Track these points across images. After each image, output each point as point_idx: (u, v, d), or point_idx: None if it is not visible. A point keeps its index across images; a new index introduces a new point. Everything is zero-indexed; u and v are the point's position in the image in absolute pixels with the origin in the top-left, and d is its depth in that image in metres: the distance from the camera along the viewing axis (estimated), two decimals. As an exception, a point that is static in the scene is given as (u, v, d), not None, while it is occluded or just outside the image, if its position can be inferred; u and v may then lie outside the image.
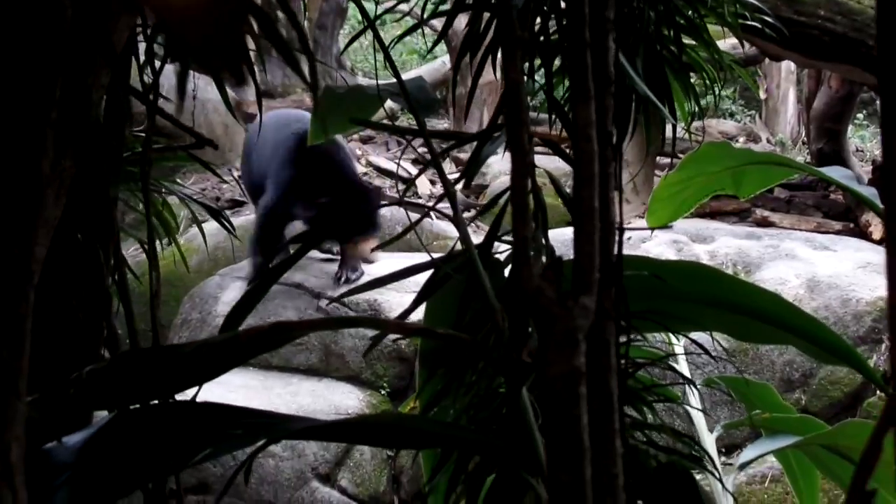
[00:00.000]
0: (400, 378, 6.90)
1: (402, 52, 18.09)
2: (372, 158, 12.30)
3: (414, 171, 10.77)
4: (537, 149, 1.81)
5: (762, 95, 16.72)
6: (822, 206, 10.95)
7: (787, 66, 15.79)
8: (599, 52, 1.17)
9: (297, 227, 7.20)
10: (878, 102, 19.60)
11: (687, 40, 2.32)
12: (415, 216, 2.00)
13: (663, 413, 2.77)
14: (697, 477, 2.49)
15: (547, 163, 2.35)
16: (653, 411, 2.03)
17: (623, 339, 2.10)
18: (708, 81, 2.47)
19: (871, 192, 2.30)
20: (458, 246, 1.74)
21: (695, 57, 2.35)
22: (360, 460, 6.38)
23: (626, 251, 1.70)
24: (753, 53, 12.03)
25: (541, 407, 1.34)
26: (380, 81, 2.06)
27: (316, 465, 6.29)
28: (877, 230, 10.07)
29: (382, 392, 6.86)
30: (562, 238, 6.85)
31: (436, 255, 1.92)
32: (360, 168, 11.48)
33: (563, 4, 1.96)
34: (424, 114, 1.89)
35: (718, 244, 7.60)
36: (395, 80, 1.98)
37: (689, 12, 2.22)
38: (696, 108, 2.43)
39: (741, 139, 15.71)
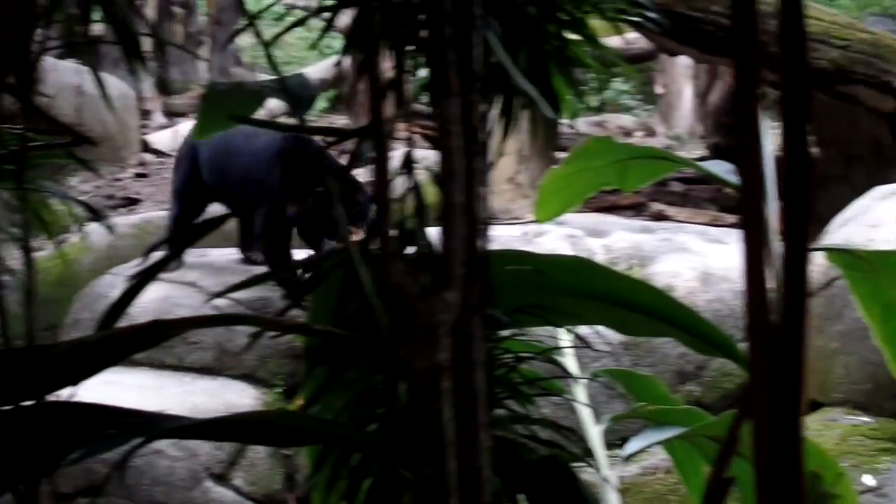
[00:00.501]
0: (294, 376, 6.88)
1: (301, 47, 18.02)
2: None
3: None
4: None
5: (659, 90, 16.86)
6: (717, 199, 11.08)
7: (684, 61, 15.93)
8: (465, 48, 1.18)
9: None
10: (774, 97, 19.90)
11: (572, 35, 2.34)
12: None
13: (558, 407, 2.79)
14: (590, 470, 2.52)
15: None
16: (532, 404, 2.04)
17: (507, 333, 2.12)
18: (595, 76, 2.49)
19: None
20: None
21: (578, 52, 2.36)
22: (255, 459, 6.36)
23: (521, 246, 1.72)
24: (650, 48, 12.15)
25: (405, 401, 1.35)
26: (275, 76, 2.05)
27: (210, 465, 6.26)
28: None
29: (277, 390, 6.85)
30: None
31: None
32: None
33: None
34: (304, 110, 1.89)
35: (613, 238, 7.67)
36: (302, 74, 1.98)
37: (572, 8, 2.24)
38: (593, 103, 2.45)
39: (639, 134, 15.84)
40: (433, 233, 1.90)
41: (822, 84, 9.49)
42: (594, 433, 2.81)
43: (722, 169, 2.36)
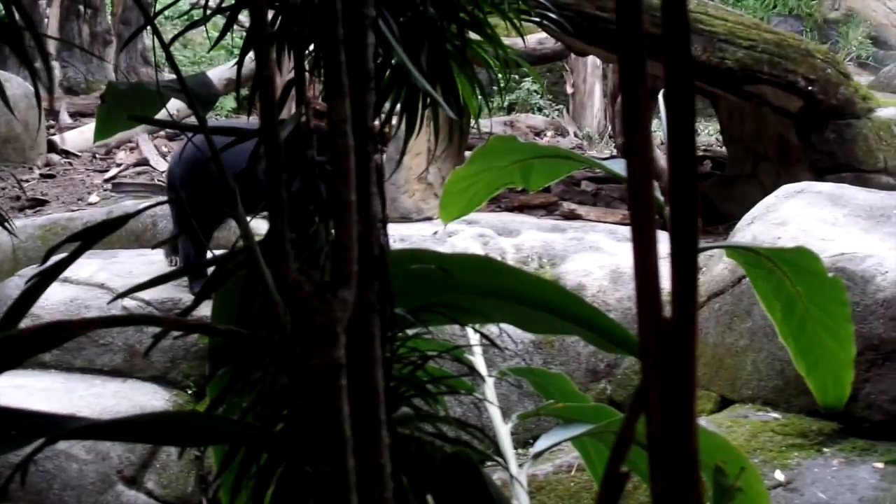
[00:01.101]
0: (206, 377, 6.85)
1: (209, 47, 17.90)
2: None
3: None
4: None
5: (569, 90, 16.97)
6: (624, 198, 11.15)
7: (594, 60, 16.04)
8: (357, 48, 1.18)
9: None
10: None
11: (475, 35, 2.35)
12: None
13: (472, 407, 2.81)
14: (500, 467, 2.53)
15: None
16: (437, 402, 2.04)
17: (412, 331, 2.12)
18: (497, 76, 2.50)
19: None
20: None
21: (480, 52, 2.38)
22: (167, 461, 6.32)
23: (433, 245, 1.72)
24: (559, 49, 12.22)
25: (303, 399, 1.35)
26: (181, 76, 2.04)
27: (121, 468, 6.21)
28: (680, 222, 10.28)
29: (189, 391, 6.81)
30: (397, 235, 6.89)
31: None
32: (165, 165, 11.35)
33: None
34: (205, 110, 1.88)
35: (524, 237, 7.71)
36: (204, 73, 1.97)
37: (472, 8, 2.25)
38: (503, 103, 2.46)
39: (549, 133, 15.92)
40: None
41: (729, 84, 9.59)
42: (503, 431, 2.83)
43: (622, 167, 2.37)
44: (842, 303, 2.45)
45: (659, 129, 17.17)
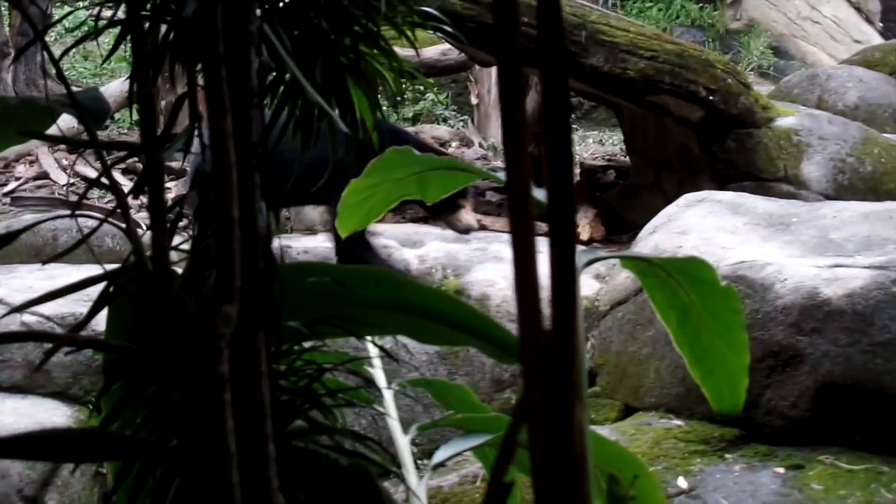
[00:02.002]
0: (98, 392, 6.75)
1: (112, 59, 17.73)
2: (79, 169, 12.07)
3: (125, 181, 10.60)
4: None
5: (474, 101, 16.99)
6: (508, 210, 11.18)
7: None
8: (241, 65, 1.18)
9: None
10: (585, 107, 20.07)
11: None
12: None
13: (375, 419, 2.81)
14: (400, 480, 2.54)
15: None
16: (332, 415, 2.04)
17: (308, 344, 2.12)
18: (392, 88, 2.51)
19: (542, 195, 2.37)
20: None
21: (375, 65, 2.38)
22: (69, 479, 6.23)
23: (335, 258, 1.72)
24: (464, 59, 12.25)
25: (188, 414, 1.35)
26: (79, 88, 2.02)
27: (21, 487, 6.12)
28: (584, 231, 10.37)
29: (91, 407, 6.73)
30: (276, 246, 6.81)
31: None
32: (66, 178, 11.23)
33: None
34: (96, 124, 1.87)
35: (428, 248, 7.72)
36: (95, 88, 1.96)
37: (366, 21, 2.25)
38: (408, 114, 2.47)
39: (454, 144, 15.93)
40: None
41: (631, 94, 9.68)
42: (403, 443, 2.83)
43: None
44: (735, 311, 2.48)
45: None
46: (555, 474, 1.07)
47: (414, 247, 7.73)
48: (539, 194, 2.30)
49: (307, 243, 7.46)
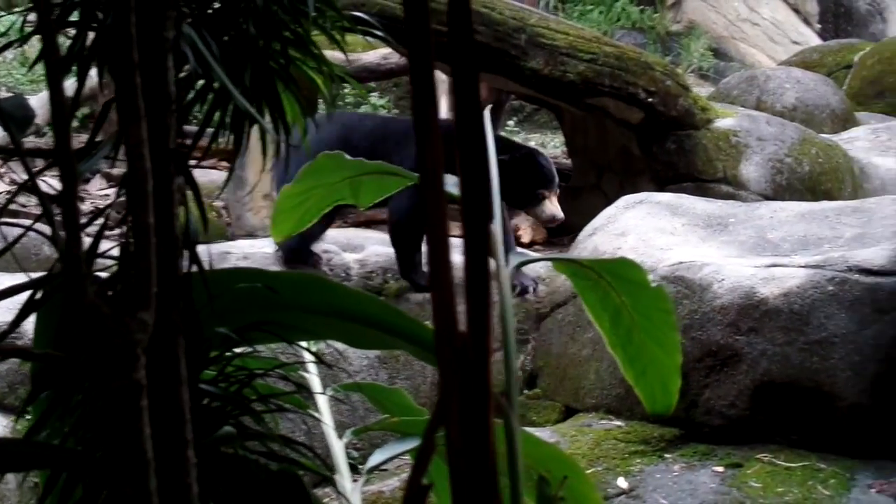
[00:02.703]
0: (24, 400, 6.68)
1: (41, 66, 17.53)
2: (15, 176, 11.99)
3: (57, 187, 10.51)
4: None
5: (415, 105, 16.97)
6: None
7: (439, 75, 16.12)
8: (158, 71, 1.19)
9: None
10: (527, 110, 20.11)
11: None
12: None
13: (316, 424, 2.81)
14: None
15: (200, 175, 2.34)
16: (266, 420, 2.05)
17: (241, 350, 2.12)
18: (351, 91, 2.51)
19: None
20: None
21: (306, 70, 2.38)
22: (4, 490, 6.18)
23: (276, 263, 1.72)
24: (405, 63, 12.23)
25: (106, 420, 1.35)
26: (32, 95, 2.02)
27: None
28: (526, 233, 10.39)
29: (27, 417, 6.67)
30: (211, 252, 6.78)
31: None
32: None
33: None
34: (20, 131, 1.87)
35: (368, 253, 7.71)
36: (21, 95, 1.95)
37: (295, 26, 2.26)
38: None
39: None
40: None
41: (572, 97, 9.71)
42: (337, 447, 2.83)
43: (451, 182, 2.39)
44: (666, 311, 2.50)
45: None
46: (473, 472, 1.08)
47: (354, 251, 7.73)
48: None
49: (247, 248, 7.44)
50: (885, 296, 5.68)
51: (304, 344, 2.70)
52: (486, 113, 2.67)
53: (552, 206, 7.15)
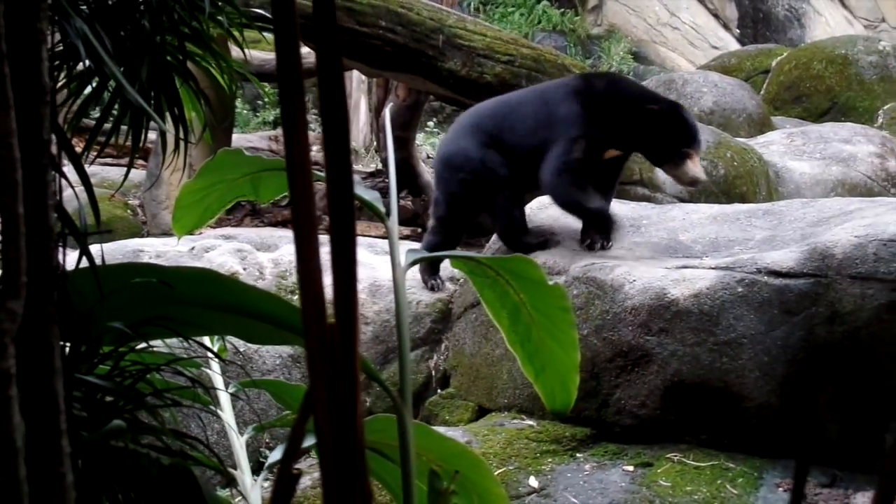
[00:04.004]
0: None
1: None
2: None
3: None
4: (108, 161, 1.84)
5: (334, 105, 16.94)
6: (389, 213, 11.22)
7: (359, 75, 16.12)
8: (32, 62, 1.19)
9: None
10: (447, 111, 20.12)
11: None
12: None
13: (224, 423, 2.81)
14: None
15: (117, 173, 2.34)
16: (155, 415, 2.05)
17: (140, 344, 2.12)
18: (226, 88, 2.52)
19: (373, 196, 2.40)
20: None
21: (205, 65, 2.39)
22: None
23: (189, 261, 1.72)
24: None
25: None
26: None
27: None
28: (442, 234, 10.42)
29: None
30: (123, 250, 6.72)
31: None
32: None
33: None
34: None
35: (282, 252, 7.70)
36: None
37: (193, 22, 2.26)
38: (269, 118, 2.47)
39: (315, 148, 15.92)
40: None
41: (489, 98, 9.74)
42: (238, 444, 2.84)
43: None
44: (564, 309, 2.52)
45: (425, 143, 17.32)
46: (341, 462, 1.09)
47: (268, 251, 7.71)
48: (367, 194, 2.32)
49: (160, 247, 7.40)
50: (794, 297, 5.74)
51: (206, 341, 2.71)
52: (386, 112, 2.69)
53: (695, 168, 6.59)
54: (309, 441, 2.82)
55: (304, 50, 12.76)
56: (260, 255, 7.46)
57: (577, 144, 6.49)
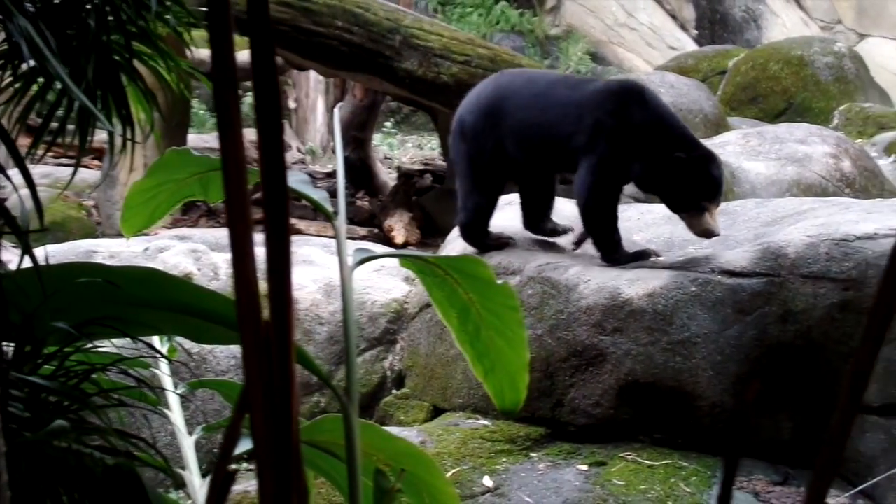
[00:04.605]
0: None
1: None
2: None
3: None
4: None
5: (291, 105, 16.96)
6: (348, 212, 11.22)
7: (316, 76, 16.09)
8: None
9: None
10: (404, 111, 20.13)
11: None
12: None
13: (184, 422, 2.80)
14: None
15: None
16: (99, 415, 2.04)
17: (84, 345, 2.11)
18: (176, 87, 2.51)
19: (321, 196, 2.39)
20: None
21: (153, 65, 2.38)
22: None
23: (143, 262, 1.72)
24: (279, 63, 12.21)
25: None
26: None
27: None
28: (399, 234, 10.42)
29: None
30: (76, 250, 6.70)
31: None
32: None
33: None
34: None
35: (237, 252, 7.67)
36: None
37: (140, 21, 2.25)
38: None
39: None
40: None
41: (446, 98, 9.75)
42: (187, 444, 2.82)
43: (296, 180, 2.40)
44: (513, 308, 2.52)
45: (382, 143, 17.30)
46: (277, 460, 1.09)
47: (223, 251, 7.67)
48: (315, 193, 2.32)
49: (115, 247, 7.36)
50: (747, 297, 5.77)
51: (155, 341, 2.70)
52: (336, 111, 2.69)
53: (710, 221, 6.16)
54: (243, 446, 2.82)
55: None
56: (214, 256, 7.42)
57: (607, 165, 6.28)
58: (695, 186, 6.12)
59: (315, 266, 7.55)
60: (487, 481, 5.77)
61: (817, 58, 18.52)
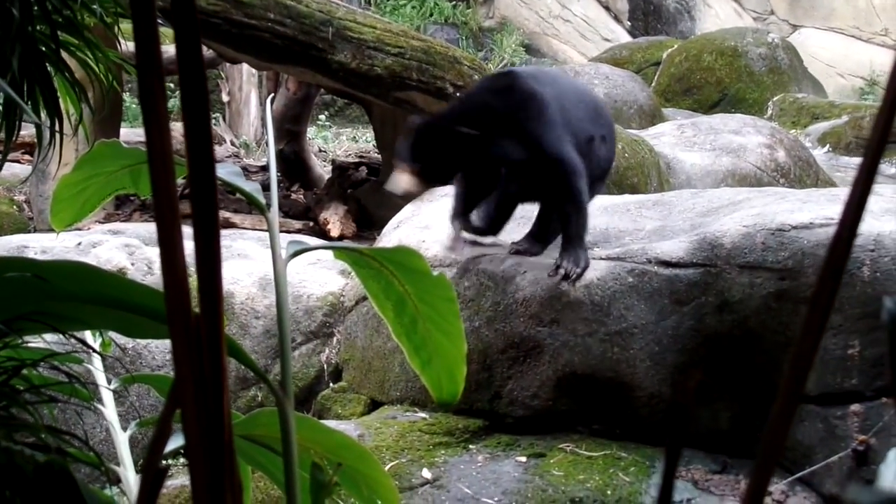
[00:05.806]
0: None
1: None
2: None
3: None
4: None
5: (225, 98, 16.87)
6: (283, 206, 11.19)
7: (249, 69, 16.02)
8: None
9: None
10: (338, 104, 20.09)
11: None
12: None
13: (121, 418, 2.77)
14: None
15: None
16: (28, 411, 2.01)
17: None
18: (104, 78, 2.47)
19: (254, 188, 2.37)
20: None
21: (81, 56, 2.34)
22: None
23: (76, 256, 1.69)
24: (212, 56, 12.14)
25: None
26: None
27: None
28: (335, 227, 10.39)
29: None
30: (7, 246, 6.62)
31: None
32: None
33: None
34: None
35: (172, 246, 7.62)
36: None
37: (66, 11, 2.22)
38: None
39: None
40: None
41: (380, 90, 9.74)
42: (121, 439, 2.79)
43: (226, 172, 2.37)
44: (449, 300, 2.51)
45: (317, 137, 17.26)
46: (209, 455, 1.06)
47: (157, 245, 7.62)
48: (247, 185, 2.30)
49: (46, 243, 7.28)
50: (684, 287, 5.79)
51: (88, 337, 2.67)
52: (269, 103, 2.66)
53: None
54: (177, 440, 2.80)
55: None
56: (148, 250, 7.36)
57: None
58: None
59: (250, 260, 7.51)
60: (426, 473, 5.77)
61: (751, 49, 18.68)
